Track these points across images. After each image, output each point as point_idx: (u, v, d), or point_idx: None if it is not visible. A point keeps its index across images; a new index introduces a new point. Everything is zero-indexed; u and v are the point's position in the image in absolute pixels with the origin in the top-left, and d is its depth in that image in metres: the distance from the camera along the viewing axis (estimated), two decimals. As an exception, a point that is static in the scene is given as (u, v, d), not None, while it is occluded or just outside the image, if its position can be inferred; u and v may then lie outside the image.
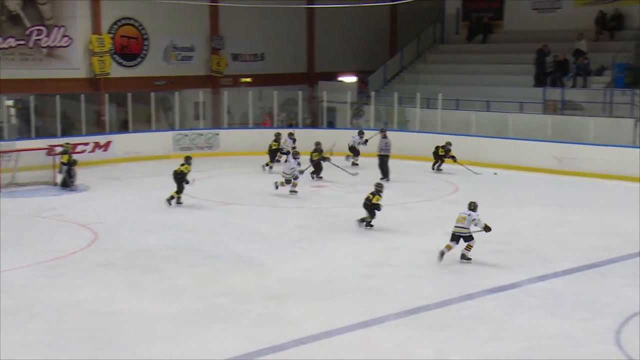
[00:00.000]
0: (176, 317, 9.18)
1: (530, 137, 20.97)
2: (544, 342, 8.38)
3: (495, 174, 19.49)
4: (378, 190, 13.81)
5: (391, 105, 24.62)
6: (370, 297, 10.04)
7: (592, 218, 14.82)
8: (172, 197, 15.65)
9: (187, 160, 15.92)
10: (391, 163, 18.86)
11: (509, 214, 15.13)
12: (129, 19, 24.81)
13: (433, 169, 20.39)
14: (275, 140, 20.61)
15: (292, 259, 11.89)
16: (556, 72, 23.94)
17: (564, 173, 18.98)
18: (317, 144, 19.15)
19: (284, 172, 17.10)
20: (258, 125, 25.39)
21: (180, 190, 15.70)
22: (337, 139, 20.97)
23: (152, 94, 23.44)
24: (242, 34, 27.66)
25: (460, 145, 20.63)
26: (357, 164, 20.89)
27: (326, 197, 17.14)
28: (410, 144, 22.32)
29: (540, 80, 24.26)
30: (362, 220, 13.83)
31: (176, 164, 16.06)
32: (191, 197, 15.98)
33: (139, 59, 25.20)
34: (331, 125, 26.00)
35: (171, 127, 24.41)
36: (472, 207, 12.01)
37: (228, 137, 23.87)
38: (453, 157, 20.16)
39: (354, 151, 21.27)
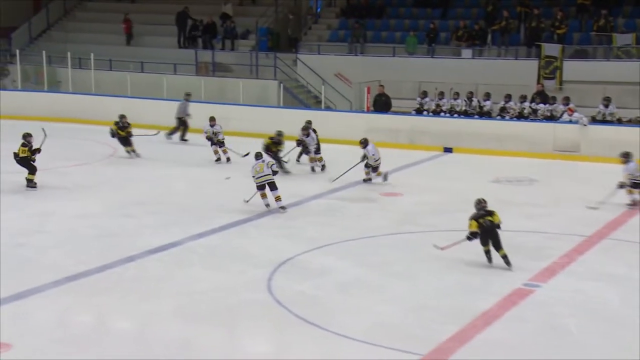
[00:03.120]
0: None
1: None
2: (201, 295, 8.75)
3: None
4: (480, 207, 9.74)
5: (40, 65, 23.33)
6: (24, 267, 9.58)
7: (245, 174, 15.59)
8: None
9: (25, 138, 13.62)
10: (43, 125, 17.65)
11: (169, 174, 15.47)
12: None
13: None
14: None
15: None
16: (205, 34, 24.68)
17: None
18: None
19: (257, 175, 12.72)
20: None
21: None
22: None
23: None
24: None
25: (114, 106, 19.98)
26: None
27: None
28: (64, 106, 21.41)
29: (185, 42, 24.85)
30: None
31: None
32: None
33: None
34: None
35: None
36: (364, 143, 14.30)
37: None
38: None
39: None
